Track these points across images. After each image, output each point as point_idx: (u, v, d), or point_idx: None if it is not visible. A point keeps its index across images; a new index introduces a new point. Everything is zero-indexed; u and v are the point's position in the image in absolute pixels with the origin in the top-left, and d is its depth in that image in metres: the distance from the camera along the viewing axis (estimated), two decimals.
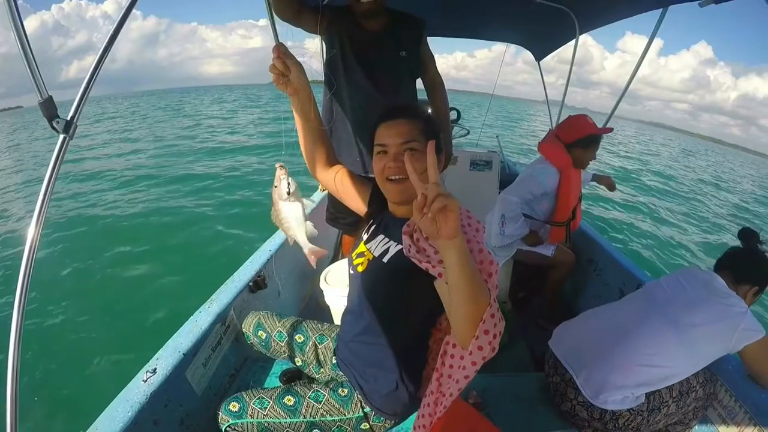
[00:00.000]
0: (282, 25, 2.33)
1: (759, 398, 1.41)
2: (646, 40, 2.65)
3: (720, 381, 1.53)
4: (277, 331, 1.43)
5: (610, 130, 2.27)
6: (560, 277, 2.40)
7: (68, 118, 0.89)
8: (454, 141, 3.54)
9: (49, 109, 0.87)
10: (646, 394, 1.41)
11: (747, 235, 1.57)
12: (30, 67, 0.83)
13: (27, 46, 0.82)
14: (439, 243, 0.76)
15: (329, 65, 1.90)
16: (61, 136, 0.89)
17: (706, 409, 1.54)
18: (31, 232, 0.85)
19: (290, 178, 1.12)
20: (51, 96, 0.87)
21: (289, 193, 1.12)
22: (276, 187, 1.12)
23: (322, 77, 1.89)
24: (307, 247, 1.22)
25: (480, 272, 0.84)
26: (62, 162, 0.89)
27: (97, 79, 0.93)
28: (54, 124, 0.88)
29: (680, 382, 1.44)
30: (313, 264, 1.28)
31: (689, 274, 1.57)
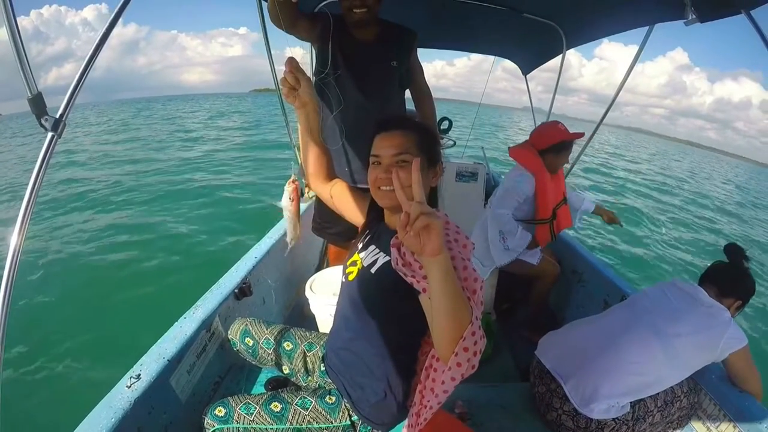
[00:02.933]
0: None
1: (742, 405, 1.44)
2: (622, 48, 2.76)
3: (704, 390, 1.56)
4: (265, 339, 1.41)
5: (581, 134, 2.33)
6: (545, 288, 2.42)
7: (57, 116, 0.87)
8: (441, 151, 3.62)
9: (39, 105, 0.85)
10: (631, 403, 1.42)
11: (733, 250, 1.61)
12: (20, 62, 0.81)
13: (18, 39, 0.81)
14: (423, 259, 0.77)
15: (320, 74, 1.91)
16: (50, 134, 0.87)
17: (690, 418, 1.57)
18: (16, 230, 0.83)
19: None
20: (41, 92, 0.85)
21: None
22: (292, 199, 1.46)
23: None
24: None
25: (464, 289, 0.85)
26: (50, 160, 0.87)
27: (84, 84, 0.92)
28: (42, 122, 0.86)
29: (665, 392, 1.46)
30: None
31: (673, 285, 1.60)
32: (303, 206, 2.74)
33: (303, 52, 2.76)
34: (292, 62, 1.10)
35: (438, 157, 1.14)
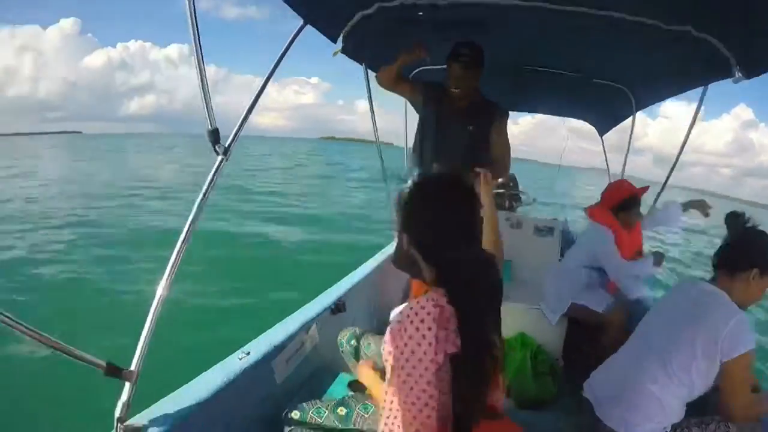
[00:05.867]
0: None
1: None
2: (685, 105, 2.83)
3: None
4: (367, 344, 1.65)
5: (647, 188, 2.48)
6: (613, 339, 2.38)
7: (227, 145, 1.24)
8: (521, 208, 4.37)
9: (215, 136, 1.21)
10: (672, 425, 1.44)
11: (733, 219, 1.55)
12: (206, 102, 1.16)
13: (205, 83, 1.15)
14: None
15: (423, 117, 2.47)
16: (219, 157, 1.23)
17: None
18: (181, 239, 1.18)
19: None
20: (218, 128, 1.21)
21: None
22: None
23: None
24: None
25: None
26: (218, 178, 1.22)
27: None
28: (216, 148, 1.22)
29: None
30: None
31: (680, 291, 1.62)
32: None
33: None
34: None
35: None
